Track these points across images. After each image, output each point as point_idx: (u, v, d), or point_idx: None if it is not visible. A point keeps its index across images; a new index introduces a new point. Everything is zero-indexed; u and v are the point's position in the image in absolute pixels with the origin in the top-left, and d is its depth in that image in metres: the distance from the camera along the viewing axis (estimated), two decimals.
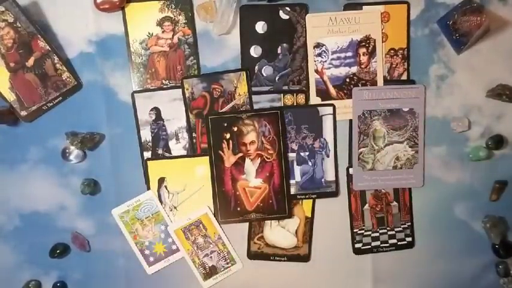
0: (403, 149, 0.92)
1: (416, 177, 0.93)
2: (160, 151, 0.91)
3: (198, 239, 0.92)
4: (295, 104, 0.91)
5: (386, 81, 0.91)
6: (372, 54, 0.90)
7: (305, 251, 0.94)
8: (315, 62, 0.90)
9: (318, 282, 0.95)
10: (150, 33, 0.89)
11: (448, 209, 0.94)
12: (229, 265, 0.93)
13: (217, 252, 0.93)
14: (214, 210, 0.92)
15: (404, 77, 0.91)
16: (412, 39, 0.90)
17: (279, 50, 0.90)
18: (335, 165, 0.92)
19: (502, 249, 0.94)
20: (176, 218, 0.92)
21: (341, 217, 0.93)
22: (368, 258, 0.94)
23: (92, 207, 0.92)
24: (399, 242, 0.94)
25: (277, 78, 0.91)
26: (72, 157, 0.90)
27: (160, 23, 0.89)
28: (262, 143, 0.90)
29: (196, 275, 0.93)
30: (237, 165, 0.91)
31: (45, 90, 0.88)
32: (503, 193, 0.94)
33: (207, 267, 0.93)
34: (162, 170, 0.91)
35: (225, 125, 0.90)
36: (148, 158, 0.91)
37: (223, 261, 0.93)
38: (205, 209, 0.92)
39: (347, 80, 0.91)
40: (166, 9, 0.89)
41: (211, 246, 0.93)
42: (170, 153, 0.91)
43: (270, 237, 0.93)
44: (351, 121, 0.91)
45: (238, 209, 0.91)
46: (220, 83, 0.90)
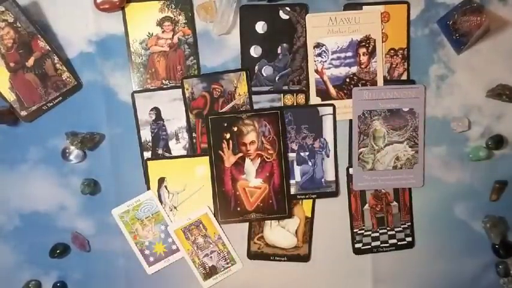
0: (403, 149, 0.92)
1: (416, 177, 0.93)
2: (160, 151, 0.91)
3: (198, 239, 0.92)
4: (295, 104, 0.91)
5: (387, 81, 0.91)
6: (372, 54, 0.90)
7: (305, 251, 0.94)
8: (315, 62, 0.90)
9: (318, 282, 0.95)
10: (150, 33, 0.89)
11: (448, 209, 0.94)
12: (229, 265, 0.93)
13: (217, 252, 0.93)
14: (214, 210, 0.92)
15: (404, 77, 0.91)
16: (412, 39, 0.90)
17: (279, 50, 0.90)
18: (335, 165, 0.92)
19: (502, 249, 0.94)
20: (176, 218, 0.92)
21: (341, 217, 0.93)
22: (368, 258, 0.94)
23: (92, 207, 0.92)
24: (399, 242, 0.94)
25: (277, 78, 0.91)
26: (72, 157, 0.90)
27: (160, 23, 0.89)
28: (262, 143, 0.90)
29: (196, 275, 0.93)
30: (237, 165, 0.91)
31: (45, 90, 0.88)
32: (503, 193, 0.94)
33: (207, 267, 0.93)
34: (162, 170, 0.91)
35: (225, 125, 0.90)
36: (148, 158, 0.91)
37: (223, 261, 0.93)
38: (205, 209, 0.92)
39: (347, 80, 0.91)
40: (166, 9, 0.89)
41: (211, 246, 0.93)
42: (170, 153, 0.91)
43: (270, 237, 0.93)
44: (351, 121, 0.91)
45: (238, 209, 0.91)
46: (220, 83, 0.90)
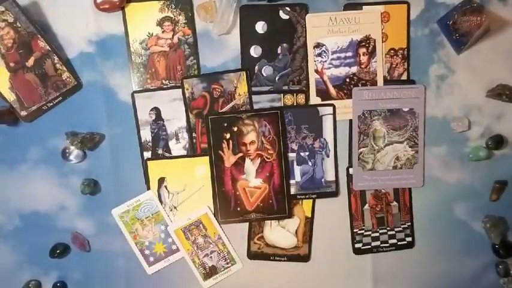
0: (403, 149, 0.92)
1: (416, 177, 0.93)
2: (160, 151, 0.91)
3: (198, 239, 0.92)
4: (295, 104, 0.91)
5: (387, 81, 0.91)
6: (372, 54, 0.90)
7: (305, 251, 0.94)
8: (315, 62, 0.90)
9: (318, 282, 0.95)
10: (150, 33, 0.89)
11: (448, 209, 0.94)
12: (229, 265, 0.93)
13: (217, 252, 0.93)
14: (214, 210, 0.92)
15: (404, 77, 0.91)
16: (412, 39, 0.90)
17: (279, 50, 0.90)
18: (335, 165, 0.92)
19: (502, 249, 0.94)
20: (176, 218, 0.92)
21: (341, 217, 0.93)
22: (368, 258, 0.94)
23: (92, 207, 0.92)
24: (399, 242, 0.94)
25: (277, 78, 0.91)
26: (72, 157, 0.90)
27: (160, 23, 0.89)
28: (262, 143, 0.90)
29: (196, 275, 0.93)
30: (237, 165, 0.91)
31: (45, 90, 0.88)
32: (503, 193, 0.94)
33: (207, 267, 0.93)
34: (162, 170, 0.91)
35: (225, 125, 0.90)
36: (148, 158, 0.91)
37: (223, 261, 0.93)
38: (205, 209, 0.92)
39: (347, 80, 0.91)
40: (166, 9, 0.89)
41: (211, 246, 0.93)
42: (170, 153, 0.91)
43: (270, 237, 0.93)
44: (351, 121, 0.91)
45: (238, 209, 0.91)
46: (220, 83, 0.90)
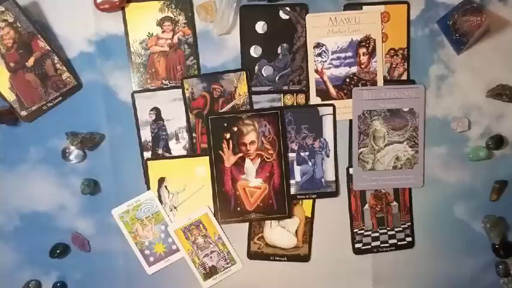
0: (403, 149, 0.92)
1: (416, 177, 0.93)
2: (160, 151, 0.91)
3: (198, 239, 0.92)
4: (295, 104, 0.91)
5: (386, 81, 0.91)
6: (372, 54, 0.90)
7: (305, 251, 0.94)
8: (315, 62, 0.90)
9: (318, 282, 0.95)
10: (150, 33, 0.89)
11: (448, 209, 0.94)
12: (229, 265, 0.93)
13: (217, 252, 0.93)
14: (214, 210, 0.92)
15: (404, 77, 0.91)
16: (412, 39, 0.90)
17: (279, 50, 0.90)
18: (335, 165, 0.92)
19: (502, 249, 0.94)
20: (176, 218, 0.92)
21: (341, 217, 0.93)
22: (368, 258, 0.94)
23: (92, 207, 0.92)
24: (399, 242, 0.94)
25: (277, 78, 0.91)
26: (72, 157, 0.90)
27: (160, 23, 0.89)
28: (262, 143, 0.90)
29: (196, 275, 0.93)
30: (237, 165, 0.91)
31: (45, 90, 0.88)
32: (503, 193, 0.94)
33: (207, 267, 0.93)
34: (162, 170, 0.91)
35: (225, 125, 0.90)
36: (148, 158, 0.91)
37: (223, 261, 0.93)
38: (205, 209, 0.92)
39: (347, 80, 0.91)
40: (166, 9, 0.89)
41: (211, 246, 0.93)
42: (170, 153, 0.91)
43: (270, 237, 0.93)
44: (351, 121, 0.91)
45: (238, 209, 0.91)
46: (220, 83, 0.90)
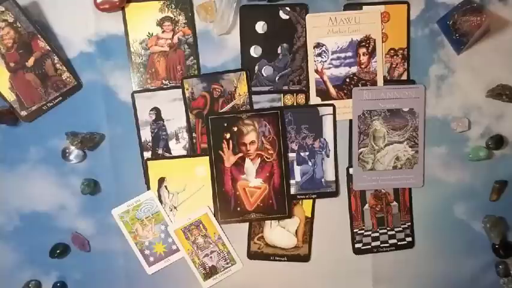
0: (403, 149, 0.92)
1: (416, 177, 0.93)
2: (160, 151, 0.91)
3: (198, 239, 0.92)
4: (295, 104, 0.91)
5: (387, 81, 0.91)
6: (372, 54, 0.90)
7: (305, 251, 0.94)
8: (315, 62, 0.90)
9: (318, 282, 0.95)
10: (150, 33, 0.89)
11: (448, 209, 0.94)
12: (229, 265, 0.93)
13: (217, 252, 0.93)
14: (214, 210, 0.92)
15: (404, 77, 0.91)
16: (412, 39, 0.90)
17: (279, 50, 0.90)
18: (335, 165, 0.92)
19: (502, 249, 0.94)
20: (176, 218, 0.92)
21: (341, 217, 0.93)
22: (368, 258, 0.94)
23: (92, 207, 0.92)
24: (399, 242, 0.94)
25: (277, 78, 0.91)
26: (72, 157, 0.90)
27: (160, 23, 0.89)
28: (262, 143, 0.90)
29: (196, 275, 0.93)
30: (237, 165, 0.91)
31: (45, 90, 0.88)
32: (503, 193, 0.94)
33: (207, 267, 0.93)
34: (162, 170, 0.91)
35: (225, 125, 0.90)
36: (148, 158, 0.91)
37: (223, 261, 0.93)
38: (205, 209, 0.92)
39: (347, 80, 0.91)
40: (166, 9, 0.89)
41: (211, 246, 0.93)
42: (170, 153, 0.91)
43: (270, 237, 0.93)
44: (351, 121, 0.91)
45: (238, 209, 0.91)
46: (220, 83, 0.90)
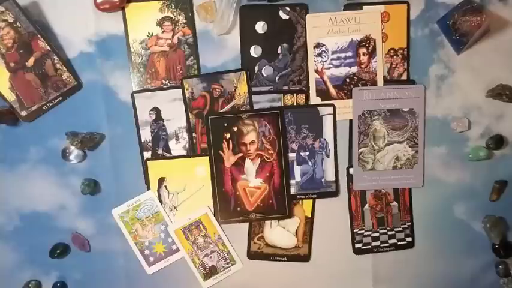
0: (403, 149, 0.92)
1: (416, 177, 0.93)
2: (160, 151, 0.91)
3: (198, 239, 0.92)
4: (295, 104, 0.91)
5: (387, 81, 0.91)
6: (372, 54, 0.90)
7: (305, 251, 0.94)
8: (315, 62, 0.90)
9: (318, 282, 0.95)
10: (150, 33, 0.89)
11: (448, 209, 0.94)
12: (229, 265, 0.93)
13: (217, 252, 0.93)
14: (214, 210, 0.92)
15: (404, 77, 0.91)
16: (412, 39, 0.90)
17: (279, 50, 0.90)
18: (335, 165, 0.92)
19: (502, 249, 0.94)
20: (176, 218, 0.92)
21: (341, 217, 0.93)
22: (368, 258, 0.94)
23: (92, 207, 0.92)
24: (399, 242, 0.94)
25: (277, 78, 0.91)
26: (72, 157, 0.90)
27: (160, 23, 0.89)
28: (262, 143, 0.90)
29: (196, 275, 0.93)
30: (237, 165, 0.91)
31: (45, 90, 0.88)
32: (503, 193, 0.94)
33: (207, 267, 0.93)
34: (162, 170, 0.91)
35: (225, 125, 0.90)
36: (148, 158, 0.91)
37: (223, 261, 0.93)
38: (205, 209, 0.92)
39: (347, 80, 0.91)
40: (166, 9, 0.89)
41: (211, 246, 0.93)
42: (170, 153, 0.91)
43: (270, 237, 0.93)
44: (351, 121, 0.91)
45: (238, 209, 0.91)
46: (220, 83, 0.90)
